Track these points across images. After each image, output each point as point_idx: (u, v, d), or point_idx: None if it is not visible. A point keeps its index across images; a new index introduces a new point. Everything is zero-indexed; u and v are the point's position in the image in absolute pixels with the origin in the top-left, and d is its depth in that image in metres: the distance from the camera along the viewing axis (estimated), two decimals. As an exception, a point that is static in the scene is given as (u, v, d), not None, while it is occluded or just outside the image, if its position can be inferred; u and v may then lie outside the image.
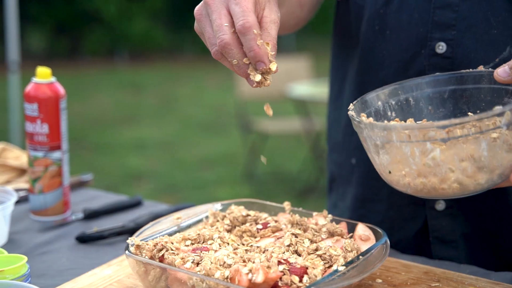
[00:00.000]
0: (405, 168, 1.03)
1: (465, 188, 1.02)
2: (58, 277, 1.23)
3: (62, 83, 1.51)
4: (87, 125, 7.13)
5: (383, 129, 1.02)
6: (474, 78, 1.15)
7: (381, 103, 1.17)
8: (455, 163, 1.00)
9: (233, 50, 1.03)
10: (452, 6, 1.26)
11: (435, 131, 0.98)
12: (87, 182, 1.74)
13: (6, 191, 1.41)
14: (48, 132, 1.45)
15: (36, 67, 1.44)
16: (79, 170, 5.67)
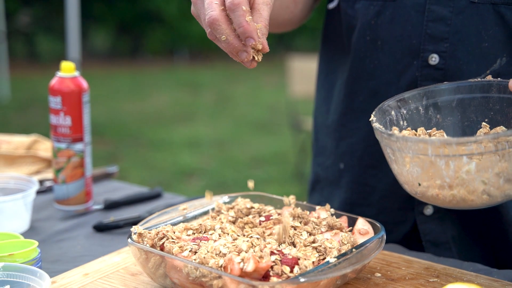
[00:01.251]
0: (436, 180, 1.04)
1: (494, 199, 1.04)
2: (71, 263, 1.28)
3: (122, 81, 1.57)
4: (144, 122, 7.27)
5: (419, 142, 1.03)
6: (482, 87, 1.16)
7: (394, 112, 1.19)
8: (488, 176, 1.01)
9: (221, 26, 1.03)
10: (445, 19, 1.28)
11: (473, 145, 0.99)
12: (112, 174, 1.80)
13: (29, 180, 1.48)
14: (70, 125, 1.51)
15: (99, 66, 1.49)
16: (133, 165, 5.81)
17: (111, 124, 7.09)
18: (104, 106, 7.88)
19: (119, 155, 6.10)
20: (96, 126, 6.95)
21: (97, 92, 8.49)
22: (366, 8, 1.36)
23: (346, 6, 1.39)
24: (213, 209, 1.31)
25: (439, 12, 1.29)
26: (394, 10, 1.33)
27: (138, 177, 5.51)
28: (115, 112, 7.69)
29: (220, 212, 1.28)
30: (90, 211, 1.55)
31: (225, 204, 1.31)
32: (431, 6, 1.29)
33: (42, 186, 1.66)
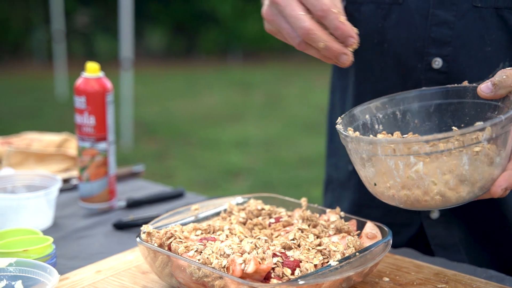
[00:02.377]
0: (389, 180, 1.05)
1: (447, 200, 1.04)
2: (87, 260, 1.31)
3: (176, 81, 1.61)
4: (195, 121, 7.34)
5: (369, 143, 1.04)
6: (458, 92, 1.16)
7: (369, 116, 1.20)
8: (437, 176, 1.02)
9: (317, 33, 1.06)
10: (448, 23, 1.28)
11: (418, 145, 1.00)
12: (138, 173, 1.83)
13: (53, 178, 1.52)
14: (94, 124, 1.54)
15: (154, 66, 1.52)
16: (181, 164, 5.88)
17: (162, 123, 7.18)
18: (156, 105, 8.00)
19: (168, 154, 6.18)
20: (148, 125, 7.07)
21: (151, 92, 8.62)
22: (373, 11, 1.36)
23: (352, 9, 1.39)
24: (225, 210, 1.32)
25: (443, 16, 1.28)
26: (400, 13, 1.33)
27: (185, 175, 5.57)
28: (167, 111, 7.79)
29: (232, 213, 1.29)
30: (113, 209, 1.58)
31: (237, 205, 1.32)
32: (435, 10, 1.29)
33: (69, 184, 1.70)
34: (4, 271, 1.11)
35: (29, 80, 9.30)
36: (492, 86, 1.07)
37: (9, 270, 1.11)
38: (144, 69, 9.63)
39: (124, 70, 6.40)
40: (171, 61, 10.67)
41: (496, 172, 1.04)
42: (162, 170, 5.71)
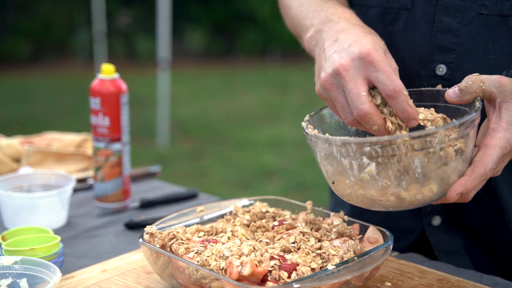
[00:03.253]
0: (345, 180, 1.06)
1: (402, 201, 1.04)
2: (96, 259, 1.33)
3: (214, 81, 1.62)
4: (231, 121, 7.37)
5: (325, 142, 1.05)
6: (432, 95, 1.15)
7: None
8: (390, 178, 1.02)
9: (374, 117, 1.04)
10: (453, 30, 1.27)
11: (370, 146, 1.00)
12: (155, 174, 1.85)
13: (67, 177, 1.55)
14: (109, 125, 1.56)
15: (193, 66, 1.53)
16: (216, 164, 5.91)
17: (198, 123, 7.23)
18: (193, 105, 8.05)
19: (203, 153, 6.22)
20: (184, 125, 7.12)
21: (188, 91, 8.69)
22: (382, 15, 1.35)
23: (358, 12, 1.39)
24: (230, 212, 1.33)
25: (448, 23, 1.27)
26: (407, 18, 1.32)
27: (219, 175, 5.60)
28: (204, 111, 7.83)
29: (237, 215, 1.30)
30: (127, 209, 1.60)
31: (242, 208, 1.32)
32: (440, 16, 1.28)
33: (86, 183, 1.73)
34: (10, 268, 1.13)
35: (71, 80, 9.46)
36: (459, 91, 1.07)
37: (14, 268, 1.13)
38: (183, 69, 9.70)
39: (161, 70, 6.46)
40: (209, 61, 10.74)
41: (453, 176, 1.03)
42: (197, 170, 5.74)
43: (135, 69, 10.03)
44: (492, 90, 1.05)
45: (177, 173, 5.62)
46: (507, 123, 1.03)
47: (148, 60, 9.64)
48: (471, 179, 1.00)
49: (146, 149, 6.33)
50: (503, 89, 1.05)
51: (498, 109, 1.05)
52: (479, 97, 1.06)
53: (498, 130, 1.03)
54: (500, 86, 1.05)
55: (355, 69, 1.05)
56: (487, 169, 1.00)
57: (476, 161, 1.01)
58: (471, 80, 1.05)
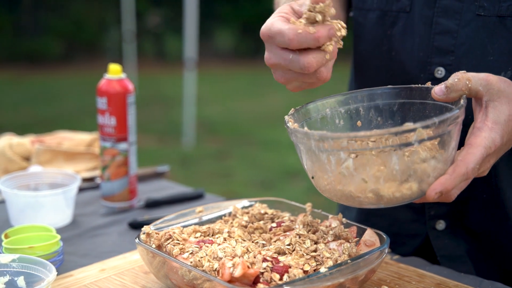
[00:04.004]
0: (324, 175, 1.04)
1: (380, 199, 1.02)
2: (98, 258, 1.33)
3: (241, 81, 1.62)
4: (257, 121, 7.38)
5: (304, 136, 1.03)
6: (421, 93, 1.13)
7: (330, 110, 1.18)
8: (367, 174, 1.00)
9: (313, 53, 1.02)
10: (451, 32, 1.25)
11: (347, 141, 0.98)
12: (163, 174, 1.85)
13: (73, 176, 1.56)
14: (115, 125, 1.57)
15: (221, 66, 1.51)
16: (241, 163, 5.91)
17: (225, 123, 7.24)
18: (220, 105, 8.07)
19: (229, 153, 6.23)
20: (211, 125, 7.14)
21: (215, 91, 8.71)
22: (381, 18, 1.34)
23: (358, 15, 1.38)
24: (230, 213, 1.32)
25: (446, 25, 1.25)
26: (406, 21, 1.31)
27: (244, 175, 5.60)
28: (230, 111, 7.85)
29: (236, 216, 1.30)
30: (132, 208, 1.61)
31: (241, 209, 1.32)
32: (438, 18, 1.26)
33: (94, 182, 1.74)
34: (7, 266, 1.14)
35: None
36: (445, 89, 1.05)
37: (12, 266, 1.14)
38: (211, 69, 9.73)
39: (187, 70, 6.49)
40: (237, 62, 10.75)
41: (433, 175, 1.00)
42: (221, 169, 5.75)
43: (163, 69, 10.10)
44: (478, 88, 1.03)
45: (202, 173, 5.64)
46: (493, 122, 1.01)
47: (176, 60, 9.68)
48: (452, 178, 0.98)
49: (172, 149, 6.36)
50: (490, 87, 1.03)
51: (484, 108, 1.03)
52: (465, 95, 1.04)
53: (483, 129, 1.01)
54: (487, 84, 1.03)
55: (269, 52, 1.06)
56: (469, 168, 0.98)
57: (458, 160, 0.99)
58: (457, 78, 1.03)
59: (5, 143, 1.76)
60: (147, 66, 9.91)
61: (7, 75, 9.50)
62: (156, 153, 6.11)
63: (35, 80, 9.30)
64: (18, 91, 8.62)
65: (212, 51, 10.67)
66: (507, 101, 1.02)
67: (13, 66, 9.94)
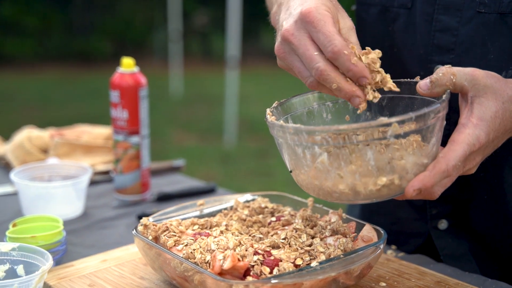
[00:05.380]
0: (301, 169, 1.02)
1: (357, 194, 1.00)
2: (103, 249, 1.34)
3: (286, 80, 1.60)
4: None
5: (280, 129, 1.02)
6: (410, 87, 1.09)
7: (317, 104, 1.15)
8: (342, 169, 0.98)
9: (330, 75, 1.01)
10: (451, 30, 1.22)
11: (321, 135, 0.96)
12: (179, 168, 1.85)
13: (86, 169, 1.57)
14: (127, 118, 1.58)
15: (266, 65, 1.46)
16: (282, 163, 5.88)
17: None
18: (263, 103, 8.05)
19: (270, 152, 6.22)
20: (252, 123, 7.15)
21: (259, 90, 8.72)
22: (383, 14, 1.31)
23: (360, 9, 1.35)
24: (231, 206, 1.32)
25: (446, 22, 1.22)
26: (407, 18, 1.28)
27: (284, 174, 5.59)
28: (273, 110, 7.83)
29: (237, 210, 1.29)
30: (144, 202, 1.62)
31: (243, 203, 1.31)
32: (439, 16, 1.23)
33: (108, 175, 1.75)
34: (8, 255, 1.16)
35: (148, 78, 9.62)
36: (430, 84, 1.01)
37: (12, 255, 1.16)
38: (256, 68, 9.74)
39: (229, 68, 6.50)
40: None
41: (413, 171, 0.97)
42: (261, 168, 5.75)
43: (208, 68, 10.15)
44: (463, 84, 1.00)
45: (242, 171, 5.65)
46: (478, 118, 0.97)
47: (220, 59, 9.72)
48: (431, 175, 0.95)
49: (213, 147, 6.38)
50: (475, 82, 0.99)
51: (470, 104, 1.00)
52: (449, 90, 1.01)
53: (467, 125, 0.97)
54: (472, 79, 1.00)
55: (299, 31, 1.01)
56: (449, 165, 0.95)
57: (440, 156, 0.96)
58: (441, 72, 1.00)
59: (25, 135, 1.79)
60: (193, 66, 9.98)
61: (58, 73, 9.70)
62: (197, 151, 6.15)
63: (84, 78, 9.46)
64: (68, 88, 8.79)
65: (258, 51, 10.67)
66: (494, 97, 0.99)
67: (64, 64, 10.14)
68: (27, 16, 10.37)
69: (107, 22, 11.00)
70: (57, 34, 10.75)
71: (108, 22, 11.00)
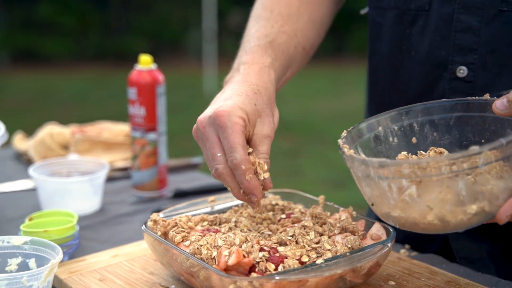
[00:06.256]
0: (385, 202, 0.99)
1: (447, 225, 0.97)
2: (117, 244, 1.35)
3: (322, 80, 1.60)
4: (333, 120, 7.32)
5: (361, 163, 0.99)
6: (479, 106, 1.07)
7: (382, 128, 1.13)
8: (432, 201, 0.95)
9: (227, 179, 1.07)
10: (473, 29, 1.20)
11: (409, 168, 0.93)
12: (197, 165, 1.86)
13: (101, 164, 1.59)
14: (144, 115, 1.59)
15: (306, 65, 1.47)
16: (313, 162, 5.88)
17: (300, 121, 7.23)
18: (297, 103, 8.06)
19: (301, 151, 6.21)
20: (285, 123, 7.13)
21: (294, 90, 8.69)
22: (399, 17, 1.30)
23: (375, 14, 1.34)
24: (242, 203, 1.31)
25: (468, 22, 1.20)
26: (425, 19, 1.26)
27: (314, 174, 5.58)
28: (307, 109, 7.83)
29: (247, 207, 1.29)
30: (161, 198, 1.62)
31: (254, 199, 1.31)
32: (459, 15, 1.21)
33: (127, 172, 1.77)
34: (20, 248, 1.17)
35: (181, 77, 9.70)
36: (507, 103, 0.99)
37: (24, 248, 1.17)
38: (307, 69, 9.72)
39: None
40: (318, 60, 10.68)
41: (502, 196, 0.94)
42: (292, 168, 5.74)
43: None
44: None
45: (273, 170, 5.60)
46: None
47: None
48: None
49: (246, 146, 6.39)
50: None
51: None
52: None
53: None
54: None
55: (209, 126, 1.07)
56: None
57: None
58: None
59: (46, 132, 1.82)
60: (227, 65, 9.92)
61: (94, 72, 9.81)
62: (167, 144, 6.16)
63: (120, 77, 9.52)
64: (104, 87, 8.89)
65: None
66: None
67: (100, 63, 10.26)
68: (64, 16, 10.52)
69: (142, 21, 11.09)
70: (94, 33, 10.87)
71: (144, 21, 11.09)
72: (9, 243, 1.17)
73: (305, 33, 1.33)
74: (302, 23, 1.33)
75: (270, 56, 1.22)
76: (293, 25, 1.31)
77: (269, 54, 1.22)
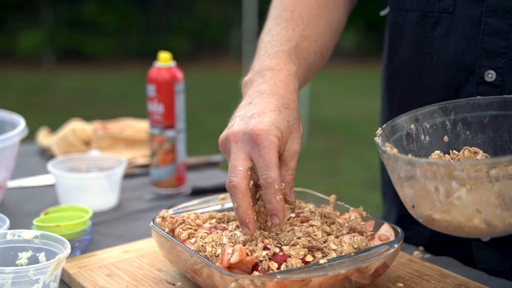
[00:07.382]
0: (429, 204, 0.96)
1: (494, 229, 0.94)
2: (129, 241, 1.36)
3: (363, 80, 1.59)
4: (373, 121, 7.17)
5: (407, 163, 0.96)
6: None
7: (414, 126, 1.10)
8: (482, 204, 0.92)
9: (238, 195, 1.05)
10: (502, 33, 1.17)
11: (462, 170, 0.90)
12: (216, 163, 1.85)
13: (119, 160, 1.59)
14: (163, 112, 1.59)
15: (344, 65, 1.46)
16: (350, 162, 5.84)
17: (338, 122, 7.18)
18: (336, 103, 8.02)
19: (339, 152, 6.17)
20: (323, 123, 7.11)
21: (334, 90, 8.66)
22: (422, 19, 1.27)
23: (397, 16, 1.31)
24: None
25: (496, 25, 1.17)
26: (450, 22, 1.23)
27: (351, 175, 5.54)
28: (346, 110, 7.77)
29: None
30: (178, 195, 1.62)
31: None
32: (487, 18, 1.18)
33: (146, 169, 1.77)
34: (30, 242, 1.18)
35: (222, 77, 9.73)
36: None
37: (34, 242, 1.18)
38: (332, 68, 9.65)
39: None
40: (361, 60, 10.62)
41: None
42: (330, 169, 5.71)
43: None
44: None
45: (310, 171, 5.61)
46: None
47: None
48: None
49: (283, 146, 6.37)
50: None
51: None
52: None
53: None
54: None
55: (242, 142, 1.05)
56: None
57: None
58: None
59: (69, 128, 1.83)
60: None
61: (136, 71, 9.90)
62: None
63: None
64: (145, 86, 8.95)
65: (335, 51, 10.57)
66: None
67: (142, 62, 10.34)
68: (107, 15, 10.64)
69: (184, 21, 11.16)
70: (136, 33, 10.98)
71: (185, 21, 11.15)
72: (19, 237, 1.18)
73: (323, 38, 1.31)
74: (321, 27, 1.30)
75: (295, 64, 1.20)
76: (313, 29, 1.29)
77: (294, 61, 1.20)
